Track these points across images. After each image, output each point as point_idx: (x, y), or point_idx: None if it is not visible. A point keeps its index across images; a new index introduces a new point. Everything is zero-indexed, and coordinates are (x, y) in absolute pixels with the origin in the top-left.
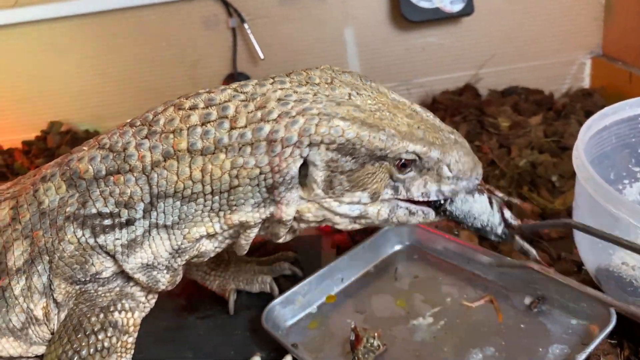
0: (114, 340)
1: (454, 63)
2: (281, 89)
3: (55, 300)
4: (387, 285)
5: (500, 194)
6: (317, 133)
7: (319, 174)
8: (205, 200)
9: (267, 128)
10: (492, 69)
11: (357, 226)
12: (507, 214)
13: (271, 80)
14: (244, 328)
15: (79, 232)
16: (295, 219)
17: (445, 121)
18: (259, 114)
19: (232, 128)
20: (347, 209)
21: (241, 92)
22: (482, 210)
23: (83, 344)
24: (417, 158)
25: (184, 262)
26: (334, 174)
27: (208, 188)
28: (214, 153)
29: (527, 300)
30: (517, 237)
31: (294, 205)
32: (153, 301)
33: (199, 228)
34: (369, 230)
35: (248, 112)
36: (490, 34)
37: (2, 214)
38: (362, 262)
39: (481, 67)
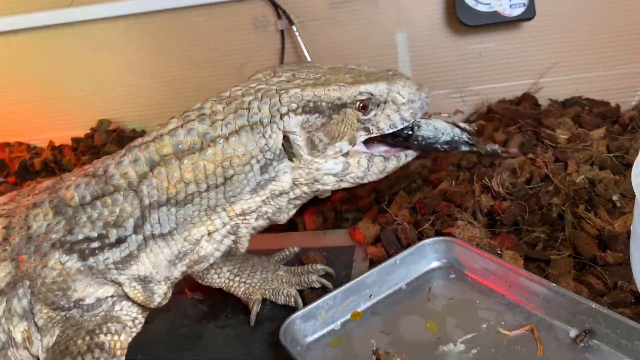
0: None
1: (513, 70)
2: (239, 88)
3: (36, 325)
4: (419, 306)
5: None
6: (282, 104)
7: (299, 139)
8: (201, 199)
9: (246, 113)
10: (553, 78)
11: (343, 184)
12: (461, 124)
13: (228, 90)
14: (264, 341)
15: (64, 258)
16: (292, 190)
17: (498, 131)
18: (232, 105)
19: (213, 122)
20: (332, 164)
21: (210, 99)
22: (444, 126)
23: None
24: (370, 96)
25: (183, 269)
26: (311, 134)
27: (203, 185)
28: (202, 149)
29: (573, 333)
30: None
31: (290, 174)
32: (140, 325)
33: (199, 228)
34: (404, 244)
35: (222, 107)
36: (552, 41)
37: None
38: (394, 279)
39: (542, 75)
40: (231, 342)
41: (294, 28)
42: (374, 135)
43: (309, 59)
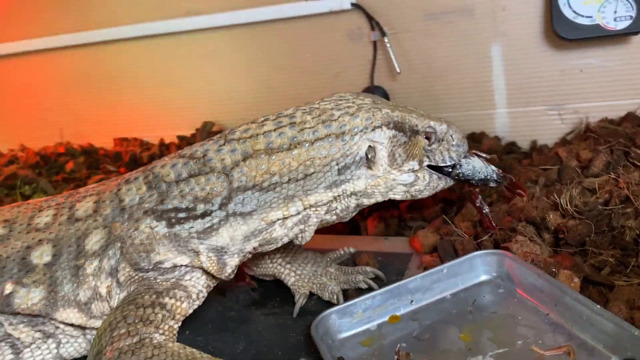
0: (159, 316)
1: (617, 89)
2: (328, 102)
3: (118, 281)
4: (459, 316)
5: (483, 154)
6: (376, 119)
7: (384, 152)
8: (282, 189)
9: (334, 124)
10: None
11: (408, 196)
12: (493, 165)
13: (318, 101)
14: (301, 332)
15: (154, 223)
16: (363, 193)
17: (586, 149)
18: (322, 117)
19: (301, 129)
20: (406, 177)
21: (300, 108)
22: (480, 165)
23: (131, 313)
24: (434, 131)
25: (255, 245)
26: (395, 148)
27: (285, 178)
28: (289, 149)
29: None
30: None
31: (364, 179)
32: (202, 299)
33: (276, 212)
34: (459, 255)
35: (312, 117)
36: None
37: (86, 206)
38: (440, 287)
39: None
40: (271, 329)
41: (385, 39)
42: (431, 163)
43: (398, 70)
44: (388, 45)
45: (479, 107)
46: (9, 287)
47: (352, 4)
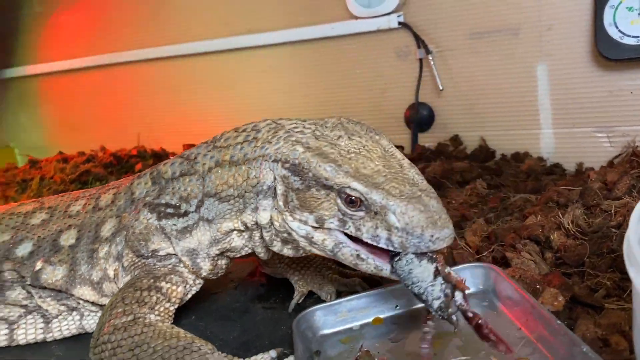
0: (154, 299)
1: None
2: (296, 123)
3: (123, 265)
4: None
5: (458, 277)
6: (279, 152)
7: (279, 187)
8: (234, 202)
9: (267, 147)
10: None
11: (315, 250)
12: (459, 296)
13: (299, 119)
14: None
15: (149, 215)
16: (271, 228)
17: (614, 172)
18: (269, 137)
19: (255, 146)
20: (296, 226)
21: (274, 122)
22: (423, 277)
23: (129, 295)
24: (361, 197)
25: (218, 252)
26: (287, 190)
27: (235, 192)
28: (237, 165)
29: None
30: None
31: (269, 211)
32: (199, 285)
33: (228, 224)
34: (455, 265)
35: (266, 137)
36: None
37: (107, 198)
38: None
39: None
40: (266, 321)
41: (430, 57)
42: (347, 232)
43: (440, 87)
44: (432, 62)
45: (523, 127)
46: (39, 264)
47: (400, 23)
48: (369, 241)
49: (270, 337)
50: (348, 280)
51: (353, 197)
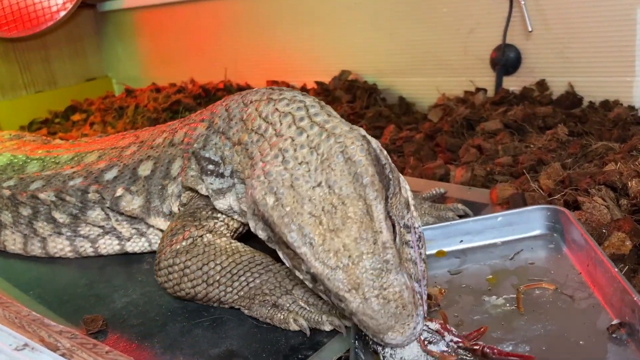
0: (211, 224)
1: None
2: (292, 139)
3: (181, 202)
4: (498, 261)
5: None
6: (256, 193)
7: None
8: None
9: (255, 168)
10: None
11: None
12: (448, 338)
13: (303, 123)
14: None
15: (195, 167)
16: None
17: None
18: (264, 152)
19: (257, 151)
20: (281, 255)
21: (279, 122)
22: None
23: (188, 222)
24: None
25: (245, 223)
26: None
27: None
28: (249, 159)
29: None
30: None
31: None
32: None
33: (244, 206)
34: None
35: (265, 147)
36: None
37: (180, 134)
38: (492, 233)
39: None
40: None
41: None
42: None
43: (530, 29)
44: (523, 2)
45: (616, 74)
46: (119, 191)
47: None
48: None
49: (250, 339)
50: (442, 212)
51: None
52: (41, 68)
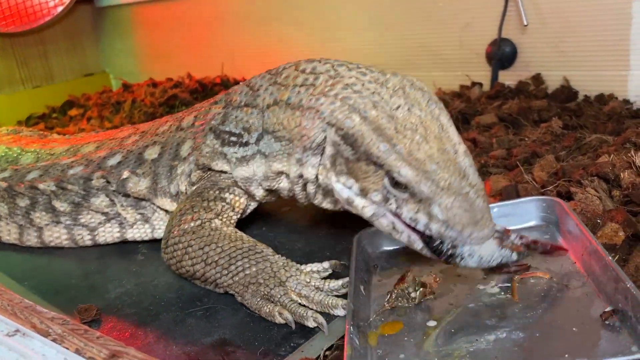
0: (219, 206)
1: None
2: (356, 77)
3: (191, 181)
4: None
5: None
6: (333, 116)
7: (329, 149)
8: (285, 144)
9: (322, 101)
10: None
11: (351, 209)
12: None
13: (361, 70)
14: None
15: (214, 141)
16: (317, 181)
17: None
18: (326, 89)
19: (311, 94)
20: (339, 188)
21: (333, 69)
22: (490, 253)
23: (197, 203)
24: (407, 184)
25: (267, 188)
26: (337, 154)
27: (288, 135)
28: (293, 109)
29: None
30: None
31: (315, 167)
32: (260, 200)
33: (277, 164)
34: (519, 197)
35: (323, 87)
36: None
37: (189, 119)
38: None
39: None
40: (330, 236)
41: None
42: (390, 209)
43: (525, 23)
44: None
45: (611, 68)
46: (125, 174)
47: None
48: (406, 222)
49: (332, 249)
50: None
51: (399, 181)
52: (39, 63)
